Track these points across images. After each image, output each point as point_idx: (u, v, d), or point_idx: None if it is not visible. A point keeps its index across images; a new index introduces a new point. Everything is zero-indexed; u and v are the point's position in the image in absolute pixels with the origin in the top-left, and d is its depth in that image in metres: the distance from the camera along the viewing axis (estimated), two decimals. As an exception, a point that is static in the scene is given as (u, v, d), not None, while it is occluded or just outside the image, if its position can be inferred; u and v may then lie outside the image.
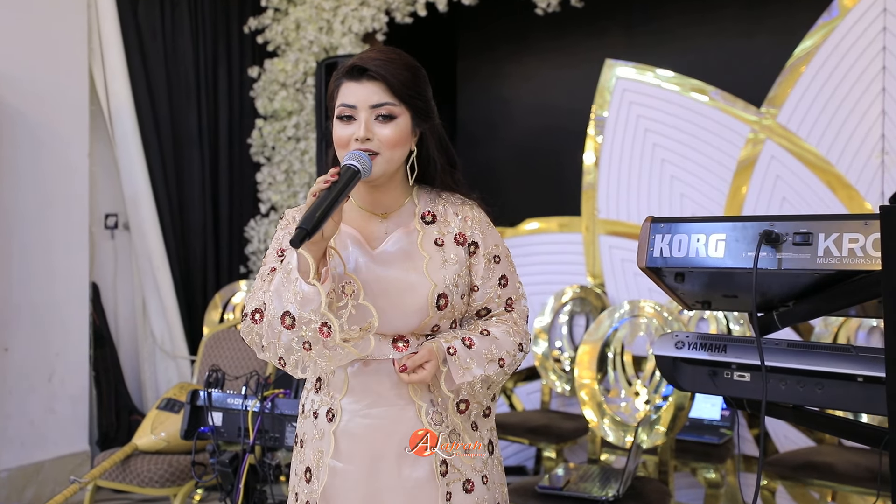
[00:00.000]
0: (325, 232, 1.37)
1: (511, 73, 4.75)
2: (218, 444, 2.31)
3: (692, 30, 4.01)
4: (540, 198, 4.51)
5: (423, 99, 1.52)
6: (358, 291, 1.45)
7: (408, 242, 1.51)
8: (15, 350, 3.70)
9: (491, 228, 1.58)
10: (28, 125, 3.73)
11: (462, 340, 1.47)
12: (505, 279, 1.57)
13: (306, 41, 4.28)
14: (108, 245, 4.29)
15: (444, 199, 1.59)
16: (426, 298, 1.45)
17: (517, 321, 1.58)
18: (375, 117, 1.47)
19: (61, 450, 3.90)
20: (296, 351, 1.40)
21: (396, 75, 1.48)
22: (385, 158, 1.47)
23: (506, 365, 1.50)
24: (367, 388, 1.49)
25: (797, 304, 1.71)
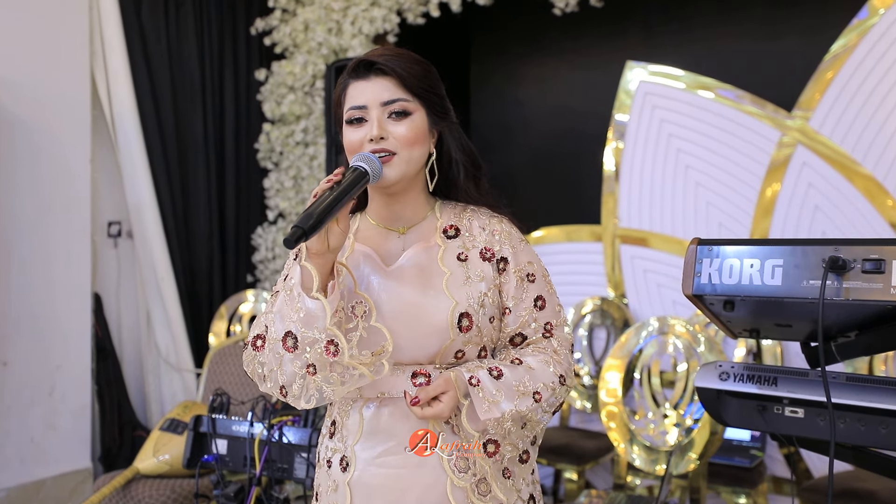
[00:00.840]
0: (331, 242, 1.23)
1: (527, 76, 4.59)
2: (222, 474, 2.17)
3: (716, 30, 3.85)
4: (557, 205, 4.36)
5: (437, 95, 1.38)
6: (370, 312, 1.30)
7: (426, 258, 1.35)
8: (14, 364, 3.57)
9: (524, 244, 1.41)
10: (27, 131, 3.60)
11: (489, 370, 1.29)
12: (542, 301, 1.38)
13: (315, 43, 4.13)
14: (110, 254, 4.15)
15: (469, 213, 1.42)
16: (446, 318, 1.29)
17: (557, 350, 1.38)
18: (388, 115, 1.32)
19: (63, 467, 3.76)
20: (299, 377, 1.24)
21: (407, 69, 1.34)
22: (403, 159, 1.32)
23: (543, 400, 1.31)
24: (382, 432, 1.33)
25: (861, 336, 1.55)
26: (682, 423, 2.66)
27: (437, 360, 1.32)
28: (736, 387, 1.67)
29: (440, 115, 1.38)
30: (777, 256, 1.40)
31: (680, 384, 2.75)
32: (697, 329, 2.61)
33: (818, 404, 1.57)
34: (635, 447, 2.58)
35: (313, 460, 2.04)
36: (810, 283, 1.36)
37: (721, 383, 1.68)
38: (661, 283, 3.58)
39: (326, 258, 1.25)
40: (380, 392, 1.34)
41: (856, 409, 1.54)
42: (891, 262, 1.31)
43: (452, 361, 1.33)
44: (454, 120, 1.43)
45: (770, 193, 3.34)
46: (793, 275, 1.38)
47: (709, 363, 1.72)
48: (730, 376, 1.68)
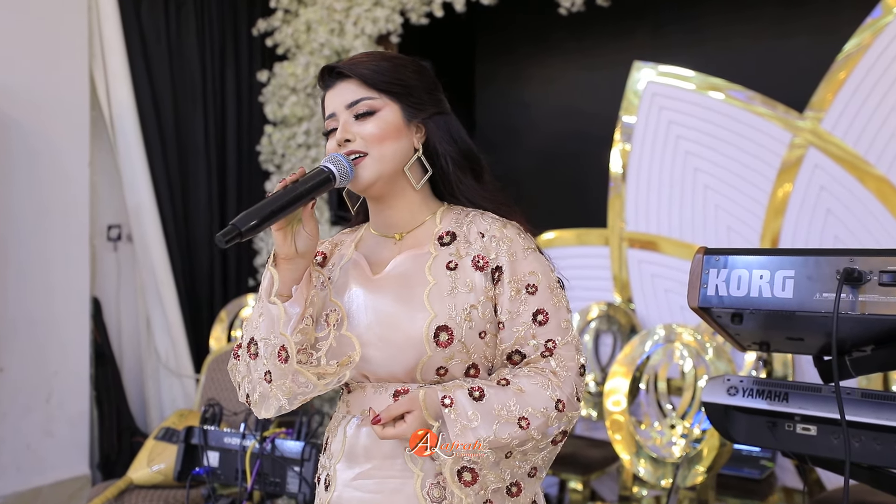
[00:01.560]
0: (298, 246, 1.19)
1: (532, 76, 4.52)
2: (213, 487, 2.10)
3: (726, 30, 3.77)
4: (563, 208, 4.28)
5: (409, 87, 1.29)
6: (342, 321, 1.23)
7: (413, 266, 1.27)
8: (10, 369, 3.52)
9: (529, 253, 1.28)
10: (24, 133, 3.55)
11: (469, 391, 1.17)
12: (544, 315, 1.24)
13: (317, 44, 4.07)
14: (110, 258, 4.10)
15: (471, 217, 1.32)
16: (421, 331, 1.20)
17: (557, 371, 1.23)
18: (354, 117, 1.27)
19: (60, 474, 3.71)
20: (259, 384, 1.21)
21: (371, 67, 1.28)
22: (375, 158, 1.25)
23: (532, 427, 1.17)
24: (361, 454, 1.26)
25: (877, 351, 1.47)
26: (690, 433, 2.58)
27: (418, 377, 1.23)
28: (745, 402, 1.59)
29: (417, 108, 1.30)
30: (788, 267, 1.32)
31: (687, 393, 2.67)
32: (705, 338, 2.53)
33: (832, 422, 1.49)
34: (641, 459, 2.51)
35: (307, 475, 1.97)
36: (823, 297, 1.28)
37: (729, 398, 1.60)
38: (669, 289, 3.50)
39: (296, 263, 1.20)
40: (362, 410, 1.28)
41: (872, 427, 1.46)
42: (910, 273, 1.24)
43: (435, 379, 1.23)
44: (442, 111, 1.34)
45: (781, 196, 3.25)
46: (805, 287, 1.31)
47: (716, 377, 1.64)
48: (738, 391, 1.60)
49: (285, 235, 1.18)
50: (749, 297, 1.34)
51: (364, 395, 1.28)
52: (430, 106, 1.32)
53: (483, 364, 1.26)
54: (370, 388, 1.27)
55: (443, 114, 1.34)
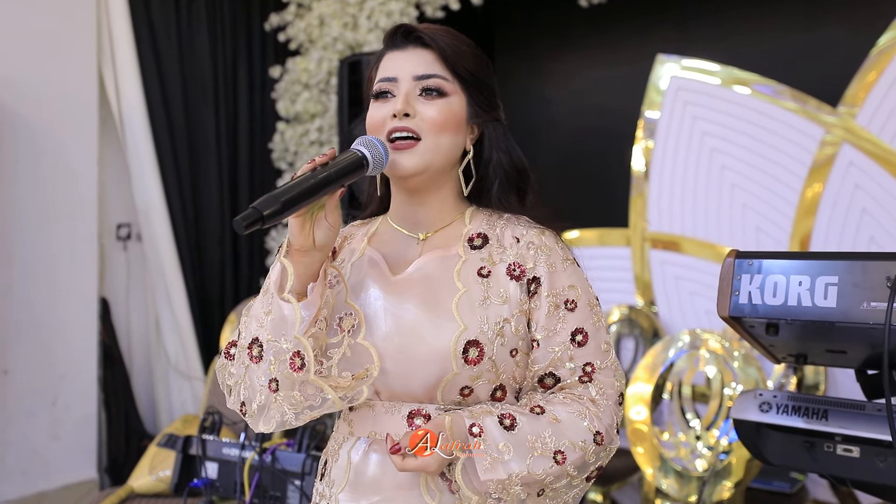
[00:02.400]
0: (316, 238, 1.04)
1: (552, 72, 4.38)
2: (212, 500, 2.00)
3: (754, 22, 3.61)
4: (584, 207, 4.14)
5: (482, 83, 1.18)
6: (358, 327, 1.10)
7: (440, 269, 1.13)
8: (15, 372, 3.44)
9: (568, 265, 1.16)
10: (31, 130, 3.47)
11: (499, 418, 1.04)
12: (583, 335, 1.12)
13: (330, 38, 3.96)
14: (119, 257, 4.02)
15: (505, 221, 1.19)
16: (448, 345, 1.06)
17: (596, 399, 1.11)
18: (420, 91, 1.13)
19: (67, 478, 3.63)
20: (260, 392, 1.05)
21: (453, 46, 1.15)
22: (428, 146, 1.12)
23: (568, 462, 1.04)
24: (368, 484, 1.12)
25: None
26: (717, 445, 2.44)
27: (439, 397, 1.09)
28: (779, 420, 1.45)
29: (484, 108, 1.19)
30: (831, 273, 1.19)
31: (714, 402, 2.53)
32: (733, 345, 2.39)
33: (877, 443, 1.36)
34: (664, 473, 2.37)
35: (307, 489, 1.86)
36: (871, 306, 1.14)
37: (761, 415, 1.47)
38: (694, 292, 3.35)
39: (311, 256, 1.06)
40: (370, 431, 1.13)
41: (921, 449, 1.33)
42: (971, 281, 1.10)
43: (457, 400, 1.10)
44: (502, 120, 1.23)
45: (812, 195, 3.10)
46: (850, 295, 1.17)
47: (747, 391, 1.51)
48: (772, 407, 1.46)
49: (303, 224, 1.04)
50: (786, 305, 1.21)
51: (372, 415, 1.14)
52: (493, 110, 1.21)
53: (511, 386, 1.13)
54: (380, 407, 1.13)
55: (500, 122, 1.24)
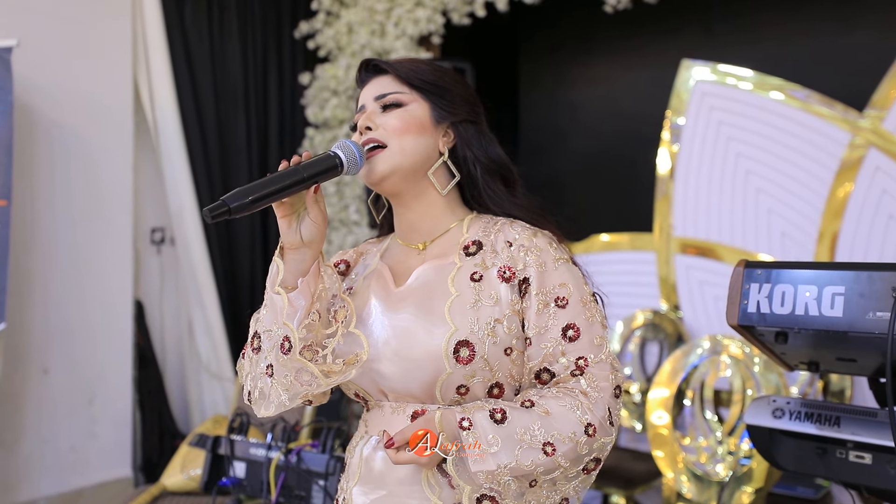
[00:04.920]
0: (303, 235, 1.14)
1: (578, 77, 4.40)
2: (240, 499, 2.06)
3: (780, 26, 3.60)
4: (610, 211, 4.16)
5: (443, 89, 1.25)
6: (350, 318, 1.17)
7: (436, 277, 1.20)
8: (55, 372, 3.55)
9: (560, 264, 1.20)
10: (68, 137, 3.58)
11: (490, 412, 1.09)
12: (575, 330, 1.16)
13: (358, 45, 4.03)
14: (153, 261, 4.12)
15: (500, 226, 1.24)
16: (440, 346, 1.13)
17: (587, 391, 1.14)
18: (381, 108, 1.23)
19: (103, 476, 3.74)
20: (261, 379, 1.15)
21: (406, 65, 1.25)
22: (394, 150, 1.20)
23: (559, 454, 1.08)
24: (375, 479, 1.20)
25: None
26: (738, 450, 2.45)
27: (438, 396, 1.16)
28: (792, 426, 1.47)
29: (447, 110, 1.25)
30: (838, 283, 1.21)
31: (735, 408, 2.54)
32: (754, 350, 2.40)
33: (889, 450, 1.37)
34: (684, 477, 2.39)
35: (331, 489, 1.92)
36: (877, 316, 1.17)
37: (775, 421, 1.49)
38: (719, 296, 3.35)
39: (302, 253, 1.15)
40: (379, 430, 1.21)
41: (933, 456, 1.34)
42: (976, 292, 1.12)
43: (455, 398, 1.16)
44: (475, 121, 1.29)
45: (839, 200, 3.08)
46: (857, 305, 1.19)
47: (761, 398, 1.53)
48: (785, 413, 1.48)
49: (290, 223, 1.14)
50: (794, 314, 1.24)
51: (382, 415, 1.22)
52: (461, 111, 1.27)
53: (509, 383, 1.18)
54: (388, 408, 1.21)
55: (475, 123, 1.29)
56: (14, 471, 3.42)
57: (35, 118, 3.44)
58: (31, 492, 3.49)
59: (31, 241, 3.44)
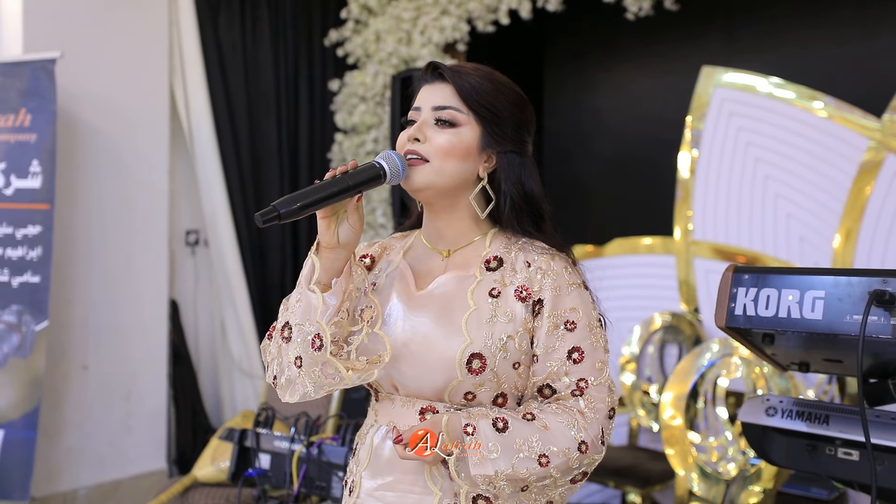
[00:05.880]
0: (340, 237, 1.21)
1: (602, 83, 4.47)
2: (264, 489, 2.17)
3: (801, 33, 3.64)
4: (633, 215, 4.22)
5: (499, 116, 1.28)
6: (376, 318, 1.26)
7: (457, 288, 1.27)
8: (94, 368, 3.71)
9: (573, 289, 1.26)
10: (109, 143, 3.74)
11: (493, 421, 1.18)
12: (580, 353, 1.24)
13: (385, 53, 4.14)
14: (188, 262, 4.28)
15: (520, 245, 1.31)
16: (455, 355, 1.21)
17: (584, 412, 1.22)
18: (435, 121, 1.27)
19: (139, 468, 3.90)
20: (287, 369, 1.24)
21: (471, 80, 1.27)
22: (434, 168, 1.26)
23: (552, 466, 1.17)
24: (384, 465, 1.28)
25: (918, 374, 1.41)
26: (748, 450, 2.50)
27: (446, 398, 1.24)
28: (783, 423, 1.54)
29: (497, 139, 1.29)
30: (818, 288, 1.28)
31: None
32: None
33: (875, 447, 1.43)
34: (694, 474, 2.45)
35: (350, 480, 2.02)
36: (854, 319, 1.23)
37: (767, 419, 1.56)
38: (738, 299, 3.39)
39: (337, 253, 1.22)
40: (389, 420, 1.30)
41: (917, 454, 1.40)
42: (945, 297, 1.18)
43: (462, 403, 1.25)
44: (520, 152, 1.32)
45: (857, 205, 3.11)
46: (835, 308, 1.26)
47: (756, 396, 1.60)
48: (777, 412, 1.55)
49: (329, 224, 1.21)
50: (778, 317, 1.31)
51: (392, 407, 1.30)
52: (510, 142, 1.30)
53: (513, 394, 1.27)
54: (398, 401, 1.30)
55: (519, 154, 1.32)
56: (56, 461, 3.59)
57: (77, 125, 3.61)
58: (72, 482, 3.66)
59: (73, 243, 3.61)
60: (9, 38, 3.52)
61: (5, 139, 3.27)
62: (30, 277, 3.22)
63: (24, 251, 3.22)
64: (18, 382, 3.21)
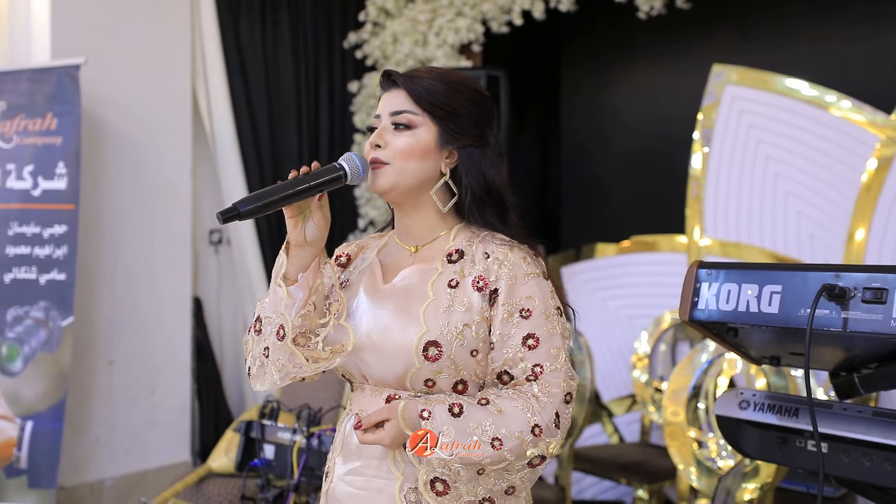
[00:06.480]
0: (307, 235, 1.29)
1: (618, 82, 4.49)
2: (268, 478, 2.25)
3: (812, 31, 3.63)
4: (650, 213, 4.23)
5: (454, 114, 1.34)
6: (341, 311, 1.33)
7: (418, 280, 1.34)
8: (119, 363, 3.84)
9: (530, 279, 1.30)
10: (133, 145, 3.87)
11: (449, 406, 1.24)
12: (535, 340, 1.27)
13: (402, 55, 4.21)
14: (211, 260, 4.39)
15: (481, 238, 1.36)
16: (412, 344, 1.27)
17: (538, 396, 1.25)
18: (394, 126, 1.33)
19: (163, 460, 4.02)
20: (259, 358, 1.32)
21: (423, 84, 1.34)
22: (395, 170, 1.32)
23: (505, 449, 1.21)
24: (354, 451, 1.36)
25: (881, 368, 1.43)
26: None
27: (408, 385, 1.31)
28: (756, 416, 1.57)
29: (455, 135, 1.34)
30: (776, 282, 1.32)
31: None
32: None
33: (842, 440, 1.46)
34: (692, 468, 2.48)
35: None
36: (806, 312, 1.27)
37: (741, 412, 1.60)
38: (748, 297, 3.40)
39: (305, 250, 1.30)
40: (359, 409, 1.37)
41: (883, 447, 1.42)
42: (893, 291, 1.21)
43: (423, 389, 1.31)
44: (479, 144, 1.37)
45: (867, 202, 3.10)
46: (790, 302, 1.30)
47: (730, 390, 1.63)
48: (750, 405, 1.59)
49: (296, 223, 1.29)
50: (737, 311, 1.35)
51: (363, 396, 1.38)
52: (467, 136, 1.35)
53: (473, 380, 1.31)
54: (368, 390, 1.37)
55: (479, 147, 1.37)
56: (83, 452, 3.72)
57: (102, 128, 3.74)
58: (98, 472, 3.79)
59: (98, 241, 3.74)
60: (38, 46, 3.67)
61: (33, 142, 3.41)
62: (56, 275, 3.35)
63: (50, 250, 3.35)
64: (46, 376, 3.34)
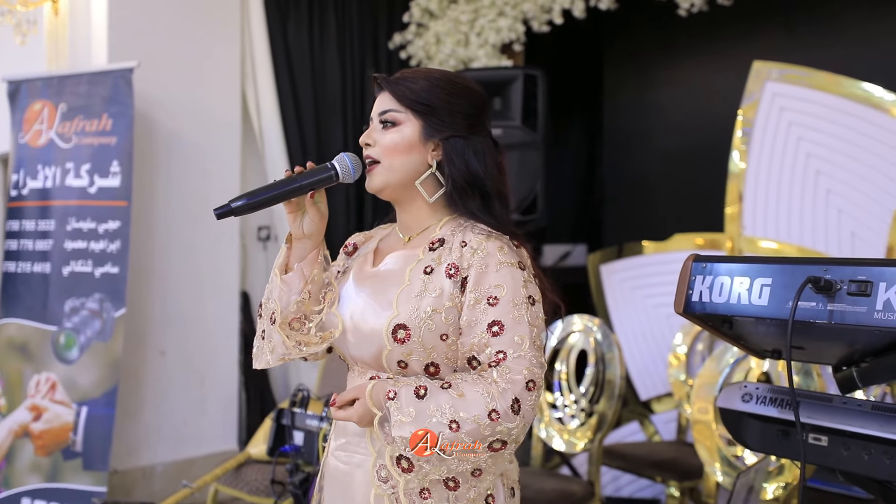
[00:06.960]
0: (305, 229, 1.40)
1: (661, 80, 4.48)
2: (297, 464, 2.34)
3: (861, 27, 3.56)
4: (693, 211, 4.21)
5: (434, 108, 1.41)
6: (334, 300, 1.42)
7: (399, 266, 1.41)
8: (170, 354, 4.00)
9: (502, 267, 1.34)
10: (185, 145, 4.02)
11: (416, 388, 1.30)
12: (500, 327, 1.31)
13: (444, 55, 4.27)
14: (260, 256, 4.53)
15: (463, 228, 1.42)
16: (383, 326, 1.34)
17: (498, 381, 1.29)
18: (381, 124, 1.43)
19: (212, 447, 4.17)
20: (258, 340, 1.45)
21: (405, 84, 1.42)
22: (385, 167, 1.41)
23: (462, 431, 1.25)
24: (341, 428, 1.45)
25: (877, 361, 1.43)
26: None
27: (384, 366, 1.37)
28: (758, 409, 1.59)
29: (435, 128, 1.41)
30: (766, 275, 1.33)
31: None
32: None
33: (842, 433, 1.47)
34: (718, 465, 2.48)
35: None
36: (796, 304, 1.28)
37: (743, 405, 1.61)
38: (788, 296, 3.36)
39: (303, 243, 1.41)
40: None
41: (882, 440, 1.42)
42: (878, 284, 1.22)
43: (398, 370, 1.37)
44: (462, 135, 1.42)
45: (909, 201, 3.04)
46: (780, 295, 1.31)
47: (734, 384, 1.65)
48: (752, 398, 1.60)
49: (295, 218, 1.41)
50: (729, 303, 1.37)
51: (353, 376, 1.47)
52: (449, 128, 1.41)
53: (445, 364, 1.37)
54: (357, 371, 1.46)
55: (463, 137, 1.42)
56: (135, 438, 3.89)
57: (154, 128, 3.90)
58: (150, 458, 3.96)
59: (150, 237, 3.91)
60: (96, 49, 3.85)
61: (90, 142, 3.58)
62: (110, 268, 3.52)
63: (105, 244, 3.52)
64: (100, 364, 3.51)
